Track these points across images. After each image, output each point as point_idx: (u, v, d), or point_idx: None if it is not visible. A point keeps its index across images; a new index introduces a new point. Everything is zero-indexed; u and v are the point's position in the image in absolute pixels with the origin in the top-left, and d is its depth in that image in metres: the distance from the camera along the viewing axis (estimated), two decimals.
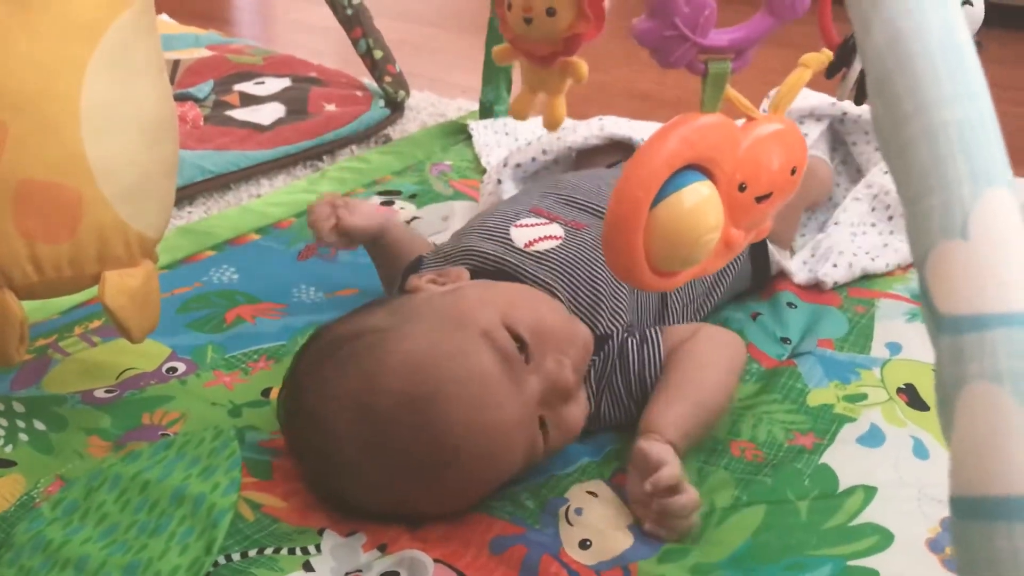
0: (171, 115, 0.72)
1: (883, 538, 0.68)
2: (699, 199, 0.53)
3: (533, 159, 1.09)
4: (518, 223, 0.85)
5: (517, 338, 0.68)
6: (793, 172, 0.59)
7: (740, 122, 0.57)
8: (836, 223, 1.06)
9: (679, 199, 0.52)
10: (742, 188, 0.56)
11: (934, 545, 0.67)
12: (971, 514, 0.30)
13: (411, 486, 0.67)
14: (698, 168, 0.54)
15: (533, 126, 1.41)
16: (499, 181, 1.09)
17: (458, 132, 1.47)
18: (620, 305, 0.80)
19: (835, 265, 1.01)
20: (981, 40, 0.82)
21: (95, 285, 0.70)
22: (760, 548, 0.68)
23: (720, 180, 0.55)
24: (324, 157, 1.41)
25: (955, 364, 0.31)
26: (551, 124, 0.74)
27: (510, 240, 0.83)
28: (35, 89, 0.63)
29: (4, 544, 0.66)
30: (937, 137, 0.32)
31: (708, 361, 0.78)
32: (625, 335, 0.80)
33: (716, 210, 0.54)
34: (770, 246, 0.97)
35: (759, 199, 0.57)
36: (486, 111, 1.50)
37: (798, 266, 1.01)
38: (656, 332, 0.80)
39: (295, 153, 1.38)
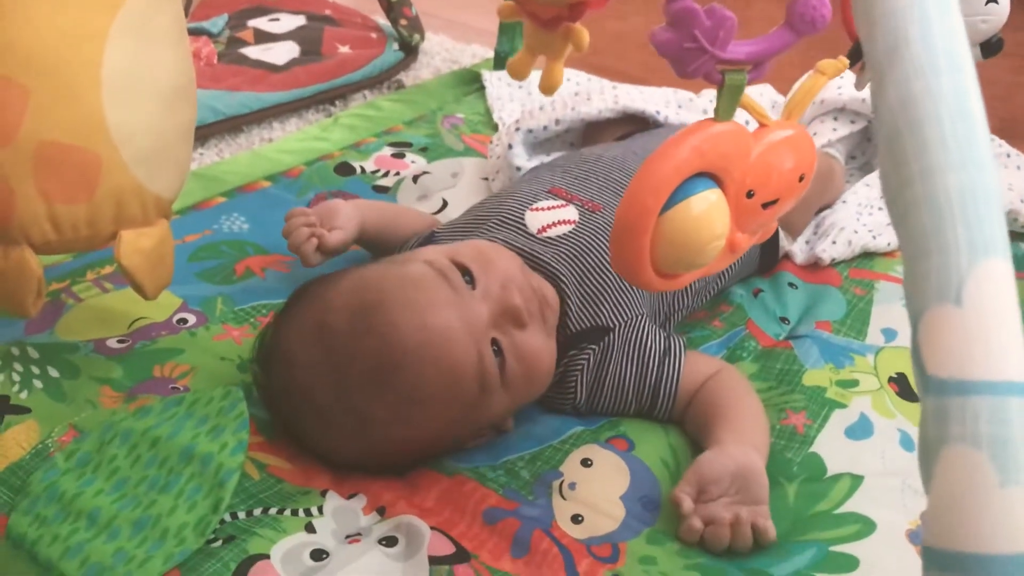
0: (190, 80, 0.73)
1: (865, 526, 0.71)
2: (707, 207, 0.54)
3: (545, 127, 1.09)
4: (534, 206, 0.86)
5: (464, 270, 0.73)
6: (801, 179, 0.60)
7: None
8: (844, 201, 1.06)
9: (687, 207, 0.53)
10: (750, 195, 0.57)
11: (914, 537, 0.70)
12: (942, 565, 0.32)
13: (366, 401, 0.69)
14: (708, 175, 0.55)
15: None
16: (509, 146, 1.09)
17: (471, 81, 1.47)
18: (627, 295, 0.81)
19: (834, 242, 1.01)
20: (1003, 37, 0.82)
21: (111, 243, 0.71)
22: None
23: (729, 187, 0.56)
24: (336, 101, 1.41)
25: (938, 424, 0.33)
26: (547, 88, 0.74)
27: (524, 225, 0.84)
28: (57, 55, 0.64)
29: (21, 491, 0.68)
30: (939, 202, 0.33)
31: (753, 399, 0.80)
32: (643, 334, 0.80)
33: (723, 217, 0.55)
34: (781, 234, 0.98)
35: (766, 205, 0.58)
36: (500, 62, 1.49)
37: (800, 247, 1.02)
38: (681, 346, 0.81)
39: (307, 97, 1.38)
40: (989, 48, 0.82)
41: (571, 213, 0.85)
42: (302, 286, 0.77)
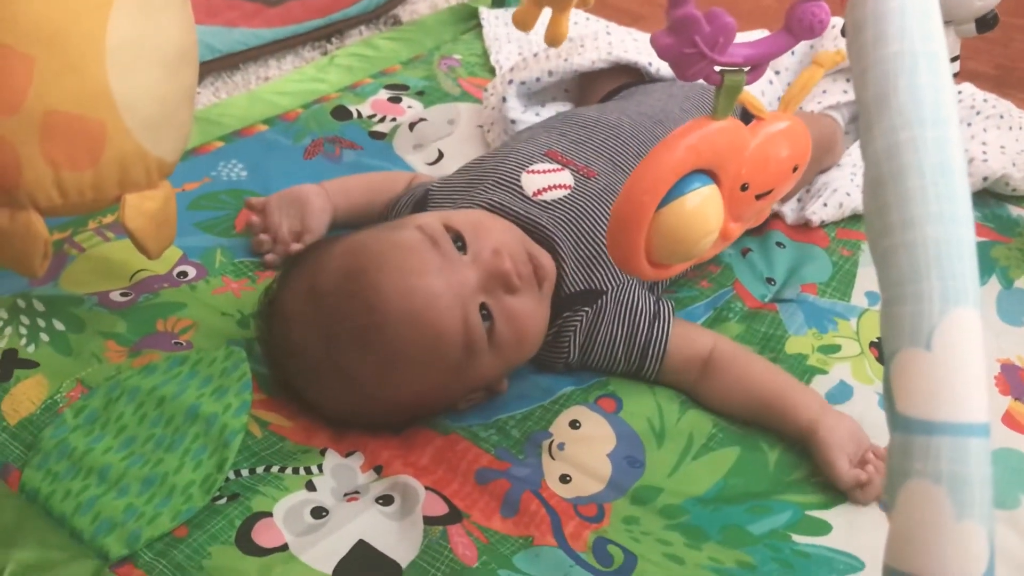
0: (193, 45, 0.73)
1: (838, 495, 0.74)
2: (701, 202, 0.56)
3: (537, 79, 1.09)
4: (530, 168, 0.87)
5: (457, 236, 0.75)
6: (795, 169, 0.61)
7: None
8: (839, 165, 1.07)
9: (682, 204, 0.55)
10: (744, 188, 0.58)
11: (884, 504, 0.73)
12: None
13: (351, 361, 0.72)
14: (704, 171, 0.56)
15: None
16: (503, 99, 1.09)
17: (469, 18, 1.46)
18: None
19: (825, 204, 1.03)
20: (997, 14, 0.83)
21: (116, 205, 0.73)
22: (729, 490, 0.74)
23: (724, 182, 0.57)
24: (332, 38, 1.40)
25: (903, 458, 0.35)
26: (553, 40, 0.75)
27: (519, 187, 0.85)
28: (62, 26, 0.64)
29: (33, 447, 0.71)
30: (917, 251, 0.35)
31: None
32: (634, 297, 0.83)
33: (717, 212, 0.57)
34: None
35: (759, 196, 0.60)
36: (499, 0, 1.47)
37: (791, 206, 1.04)
38: (669, 310, 0.83)
39: (303, 33, 1.37)
40: (984, 24, 0.83)
41: (566, 178, 0.86)
42: (303, 249, 0.79)
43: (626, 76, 1.10)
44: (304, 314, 0.74)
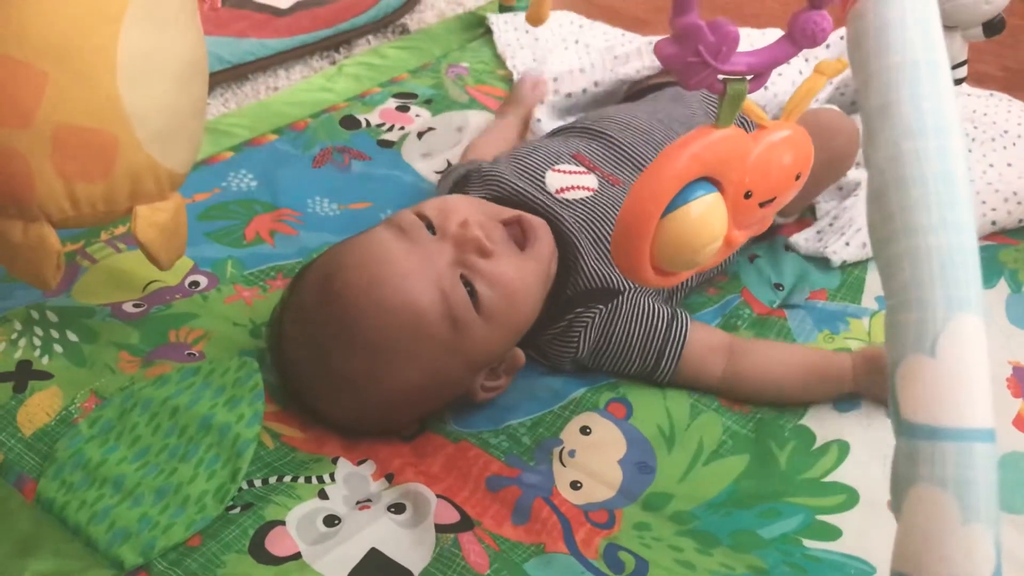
0: (202, 58, 0.74)
1: (849, 498, 0.74)
2: (705, 210, 0.56)
3: (584, 90, 1.11)
4: (556, 168, 0.88)
5: (428, 224, 0.76)
6: (798, 177, 0.61)
7: None
8: (856, 195, 1.02)
9: (687, 211, 0.55)
10: (748, 195, 0.59)
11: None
12: None
13: (343, 362, 0.72)
14: (708, 179, 0.56)
15: (554, 26, 1.41)
16: (539, 120, 1.10)
17: (476, 26, 1.46)
18: None
19: (847, 244, 0.97)
20: (1004, 18, 0.83)
21: (127, 217, 0.74)
22: (739, 495, 0.75)
23: (727, 190, 0.57)
24: (341, 48, 1.41)
25: (909, 464, 0.36)
26: (536, 20, 0.77)
27: (543, 182, 0.86)
28: (74, 40, 0.65)
29: (48, 458, 0.72)
30: (920, 259, 0.35)
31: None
32: (652, 302, 0.83)
33: (721, 219, 0.57)
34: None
35: (763, 203, 0.60)
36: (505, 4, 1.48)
37: (807, 236, 1.00)
38: (687, 316, 0.84)
39: (312, 43, 1.38)
40: (992, 28, 0.83)
41: (591, 182, 0.87)
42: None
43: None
44: (294, 331, 0.76)
